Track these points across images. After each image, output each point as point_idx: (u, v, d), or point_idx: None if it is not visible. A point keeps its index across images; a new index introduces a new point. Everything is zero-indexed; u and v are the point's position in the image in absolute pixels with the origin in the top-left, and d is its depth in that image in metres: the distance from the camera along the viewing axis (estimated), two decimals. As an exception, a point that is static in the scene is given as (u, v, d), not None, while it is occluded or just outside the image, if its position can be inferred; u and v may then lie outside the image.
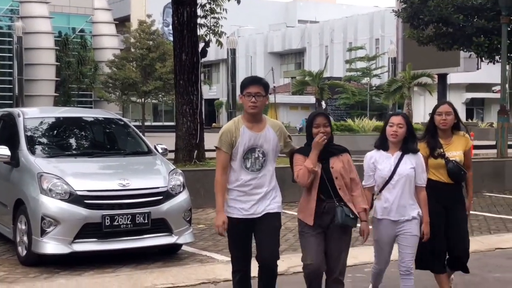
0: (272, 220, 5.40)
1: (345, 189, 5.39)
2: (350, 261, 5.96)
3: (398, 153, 5.76)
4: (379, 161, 5.76)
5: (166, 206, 8.07)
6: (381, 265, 6.03)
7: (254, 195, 5.36)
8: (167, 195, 8.15)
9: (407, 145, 5.75)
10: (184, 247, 8.64)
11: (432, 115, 6.20)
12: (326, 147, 5.35)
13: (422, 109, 53.01)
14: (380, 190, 5.79)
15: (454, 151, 6.12)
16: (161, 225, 8.03)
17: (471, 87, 57.43)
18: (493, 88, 57.21)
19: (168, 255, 8.39)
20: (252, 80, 5.39)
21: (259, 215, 5.36)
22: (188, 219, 8.36)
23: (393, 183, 5.71)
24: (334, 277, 5.51)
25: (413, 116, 42.52)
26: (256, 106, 5.32)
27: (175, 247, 8.42)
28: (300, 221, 5.53)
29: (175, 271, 7.53)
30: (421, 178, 5.78)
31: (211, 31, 16.42)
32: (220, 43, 16.67)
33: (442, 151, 6.07)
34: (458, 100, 55.10)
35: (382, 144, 5.82)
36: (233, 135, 5.30)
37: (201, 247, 8.94)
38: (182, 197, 8.34)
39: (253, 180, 5.34)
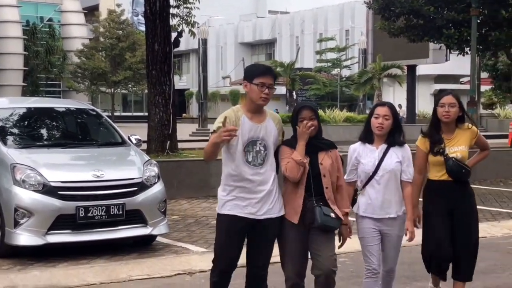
0: (271, 228, 4.93)
1: (331, 188, 4.98)
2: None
3: (383, 146, 5.32)
4: (363, 155, 5.34)
5: (140, 197, 8.04)
6: (373, 263, 5.34)
7: (256, 192, 4.84)
8: (142, 186, 8.12)
9: (393, 138, 5.31)
10: (158, 238, 8.62)
11: (434, 107, 5.63)
12: (314, 141, 4.94)
13: (391, 100, 53.35)
14: (364, 186, 5.36)
15: (456, 146, 5.54)
16: (136, 217, 8.00)
17: (439, 79, 57.93)
18: (461, 80, 57.78)
19: (143, 246, 8.37)
20: (266, 70, 4.89)
21: (260, 217, 4.86)
22: (163, 210, 8.34)
23: (377, 178, 5.28)
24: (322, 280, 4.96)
25: (383, 107, 42.72)
26: (268, 98, 4.88)
27: (150, 238, 8.40)
28: (283, 219, 4.98)
29: (150, 263, 7.51)
30: (407, 172, 5.34)
31: (183, 21, 16.35)
32: (193, 33, 16.63)
33: (442, 147, 5.52)
34: (426, 91, 55.61)
35: (367, 136, 5.37)
36: (234, 124, 4.76)
37: (175, 238, 8.93)
38: (157, 188, 8.31)
39: (255, 176, 4.83)
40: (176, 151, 14.70)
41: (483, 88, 45.64)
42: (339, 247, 5.12)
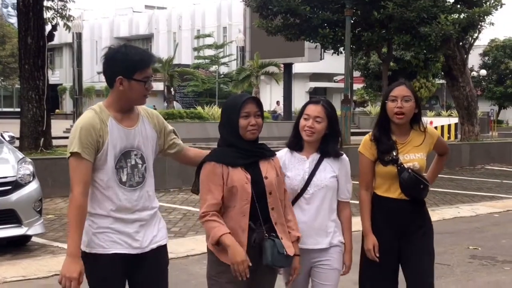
0: (162, 258, 3.71)
1: (280, 209, 3.76)
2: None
3: (315, 156, 4.06)
4: (289, 166, 4.04)
5: (15, 196, 7.79)
6: None
7: (136, 221, 3.57)
8: (16, 185, 7.86)
9: (326, 146, 4.05)
10: (34, 239, 8.37)
11: (383, 101, 4.25)
12: (254, 148, 3.76)
13: (268, 97, 54.27)
14: None
15: (413, 154, 4.21)
16: (9, 216, 7.74)
17: (314, 77, 59.44)
18: (334, 78, 59.59)
19: (17, 247, 8.10)
20: (149, 58, 3.58)
21: (146, 250, 3.59)
22: (38, 210, 8.09)
23: (307, 196, 4.01)
24: None
25: (260, 104, 43.38)
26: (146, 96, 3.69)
27: (25, 238, 8.14)
28: (216, 260, 3.67)
29: (25, 263, 7.27)
30: (344, 190, 4.11)
31: (58, 14, 15.90)
32: (68, 27, 16.22)
33: (395, 154, 4.16)
34: (302, 89, 56.93)
35: (296, 142, 4.09)
36: (98, 132, 3.47)
37: (51, 238, 8.69)
38: (32, 187, 8.05)
39: (133, 201, 3.55)
40: (50, 148, 14.33)
41: (356, 86, 47.26)
42: (287, 284, 4.01)
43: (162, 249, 3.69)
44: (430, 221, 4.35)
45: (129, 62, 3.48)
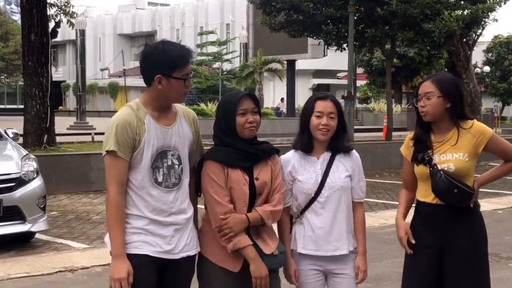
0: (190, 268, 3.56)
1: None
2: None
3: (326, 155, 3.78)
4: (299, 170, 3.76)
5: (19, 193, 7.79)
6: None
7: (172, 225, 3.43)
8: (20, 181, 7.86)
9: (336, 142, 3.77)
10: (38, 235, 8.37)
11: (414, 99, 3.93)
12: (250, 148, 3.57)
13: (271, 94, 54.27)
14: (302, 212, 3.79)
15: (450, 154, 3.77)
16: (14, 213, 7.75)
17: (317, 73, 59.45)
18: (337, 75, 59.59)
19: (21, 243, 8.10)
20: (189, 54, 3.44)
21: (177, 257, 3.45)
22: (42, 206, 8.10)
23: (321, 200, 3.74)
24: None
25: (264, 101, 43.40)
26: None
27: (29, 235, 8.15)
28: (212, 265, 3.54)
29: (30, 260, 7.27)
30: (358, 190, 3.82)
31: (61, 11, 15.93)
32: (71, 24, 16.24)
33: (428, 153, 3.80)
34: (305, 86, 56.95)
35: (307, 143, 3.78)
36: (135, 130, 3.32)
37: (55, 234, 8.70)
38: (36, 184, 8.05)
39: (168, 202, 3.41)
40: (54, 145, 14.37)
41: (359, 83, 47.23)
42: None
43: (192, 259, 3.54)
44: (482, 234, 3.82)
45: (168, 59, 3.30)
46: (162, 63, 3.30)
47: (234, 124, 3.52)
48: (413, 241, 3.85)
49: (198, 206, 3.68)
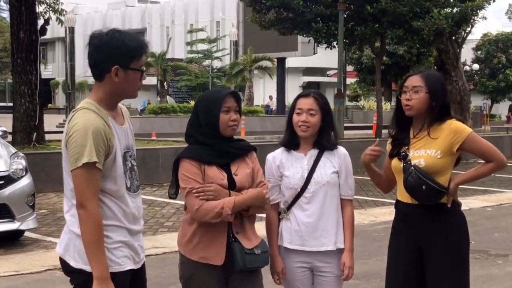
0: (144, 273, 3.38)
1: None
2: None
3: (314, 152, 3.83)
4: (286, 165, 3.81)
5: (7, 191, 7.77)
6: None
7: (138, 233, 3.25)
8: (9, 179, 7.84)
9: (321, 138, 3.81)
10: (27, 233, 8.35)
11: (398, 92, 3.89)
12: (229, 148, 3.55)
13: (261, 92, 54.29)
14: (289, 207, 3.83)
15: (424, 149, 3.72)
16: (2, 211, 7.74)
17: (307, 71, 59.47)
18: (327, 72, 59.64)
19: (10, 242, 8.07)
20: (145, 45, 3.21)
21: (139, 265, 3.26)
22: (31, 204, 8.07)
23: (307, 195, 3.77)
24: None
25: (254, 99, 43.40)
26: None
27: (18, 233, 8.13)
28: (194, 264, 3.51)
29: (19, 258, 7.26)
30: (345, 186, 3.84)
31: (50, 8, 15.87)
32: (60, 21, 16.17)
33: (404, 149, 3.76)
34: (296, 84, 56.94)
35: (291, 140, 3.85)
36: (108, 135, 3.04)
37: (44, 233, 8.68)
38: (25, 182, 8.03)
39: (138, 207, 3.23)
40: (43, 142, 14.32)
41: (349, 81, 47.30)
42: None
43: (143, 263, 3.32)
44: (462, 235, 3.77)
45: (126, 49, 3.05)
46: (121, 53, 3.04)
47: (216, 122, 3.47)
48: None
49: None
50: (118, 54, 3.04)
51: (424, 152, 3.69)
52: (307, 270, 3.81)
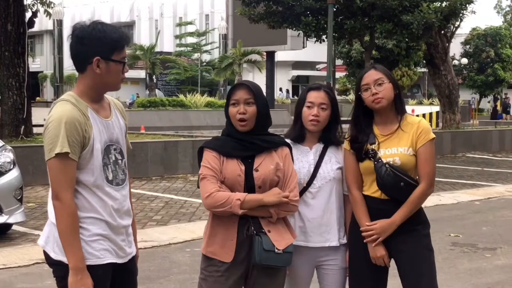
0: (136, 267, 3.36)
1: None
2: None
3: (319, 146, 3.78)
4: (293, 159, 3.63)
5: (-5, 184, 7.68)
6: None
7: (123, 228, 3.20)
8: (-4, 173, 7.76)
9: (329, 134, 3.77)
10: (15, 227, 8.31)
11: (357, 92, 3.76)
12: (250, 138, 3.42)
13: (250, 85, 54.28)
14: None
15: (395, 147, 3.65)
16: (-10, 205, 7.63)
17: (296, 65, 59.48)
18: (317, 66, 59.66)
19: (-3, 235, 8.02)
20: (127, 37, 3.17)
21: (125, 260, 3.22)
22: (19, 198, 8.01)
23: (313, 191, 3.71)
24: None
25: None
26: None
27: (6, 227, 8.07)
28: (205, 257, 3.49)
29: (6, 252, 7.22)
30: None
31: (38, 1, 15.79)
32: (48, 14, 16.08)
33: (373, 147, 3.67)
34: (285, 77, 57.00)
35: (298, 133, 3.78)
36: (84, 127, 3.03)
37: (32, 226, 8.63)
38: (13, 175, 7.97)
39: (122, 201, 3.19)
40: (31, 136, 14.27)
41: (338, 74, 47.32)
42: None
43: (133, 258, 3.30)
44: (424, 225, 3.82)
45: (108, 40, 3.04)
46: (103, 44, 3.04)
47: (228, 115, 3.45)
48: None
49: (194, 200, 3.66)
50: (99, 45, 3.03)
51: (396, 150, 3.63)
52: (309, 265, 3.78)
